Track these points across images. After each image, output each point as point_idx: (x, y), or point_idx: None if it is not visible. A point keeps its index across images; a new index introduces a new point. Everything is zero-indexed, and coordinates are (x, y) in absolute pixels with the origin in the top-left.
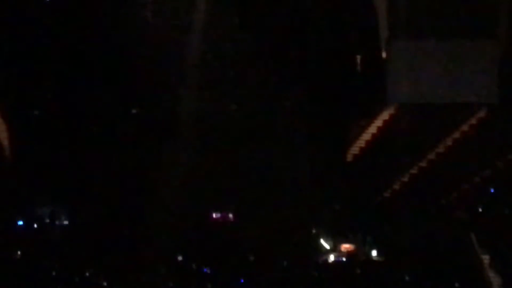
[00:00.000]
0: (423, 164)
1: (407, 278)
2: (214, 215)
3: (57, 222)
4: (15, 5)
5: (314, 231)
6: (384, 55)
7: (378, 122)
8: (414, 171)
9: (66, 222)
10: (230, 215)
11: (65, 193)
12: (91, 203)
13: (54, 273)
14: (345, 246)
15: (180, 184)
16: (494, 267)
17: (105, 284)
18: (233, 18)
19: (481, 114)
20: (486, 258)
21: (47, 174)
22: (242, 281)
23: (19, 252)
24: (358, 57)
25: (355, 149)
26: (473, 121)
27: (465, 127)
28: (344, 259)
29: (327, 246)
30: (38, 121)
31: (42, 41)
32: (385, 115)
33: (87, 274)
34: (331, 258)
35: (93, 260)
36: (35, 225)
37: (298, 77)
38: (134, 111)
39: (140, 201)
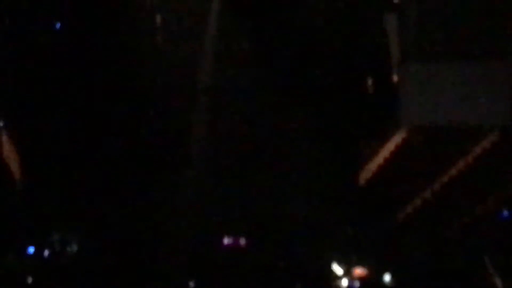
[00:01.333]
0: (436, 187)
1: None
2: (226, 241)
3: (68, 249)
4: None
5: (326, 255)
6: (396, 77)
7: (391, 146)
8: (427, 194)
9: (77, 249)
10: (242, 241)
11: (76, 220)
12: (102, 230)
13: None
14: (358, 271)
15: (192, 209)
16: None
17: None
18: (245, 43)
19: (494, 137)
20: (500, 282)
21: (58, 200)
22: None
23: (30, 280)
24: (370, 80)
25: (367, 173)
26: (486, 144)
27: (478, 150)
28: (357, 284)
29: (339, 271)
30: (48, 145)
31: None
32: (397, 138)
33: None
34: (344, 283)
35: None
36: (46, 252)
37: (310, 101)
38: (146, 132)
39: (151, 227)
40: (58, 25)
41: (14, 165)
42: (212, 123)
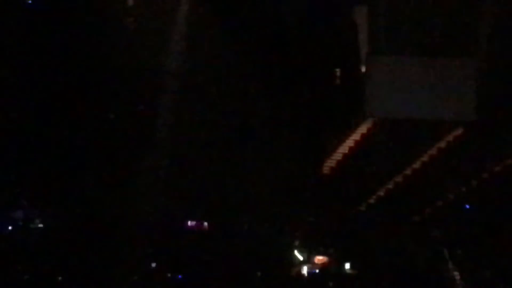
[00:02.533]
0: (399, 179)
1: None
2: (189, 223)
3: (31, 225)
4: None
5: (288, 242)
6: (363, 69)
7: (356, 136)
8: (389, 185)
9: (40, 225)
10: (205, 224)
11: (39, 196)
12: (66, 207)
13: (27, 277)
14: (319, 258)
15: (156, 192)
16: (466, 283)
17: None
18: (216, 27)
19: (458, 131)
20: (457, 275)
21: (21, 176)
22: None
23: None
24: (338, 71)
25: (331, 162)
26: (450, 138)
27: (441, 144)
28: (317, 271)
29: (300, 258)
30: (10, 121)
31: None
32: (363, 129)
33: (60, 278)
34: (305, 270)
35: (66, 265)
36: (9, 228)
37: (277, 90)
38: (112, 116)
39: (115, 206)
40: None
41: None
42: (178, 109)
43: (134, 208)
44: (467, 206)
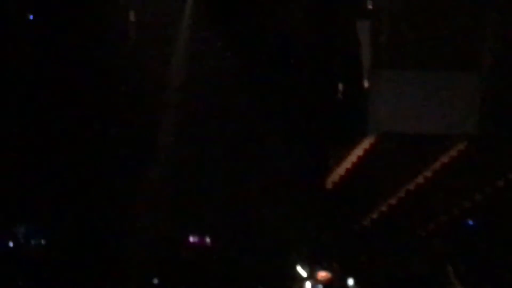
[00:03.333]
0: (402, 194)
1: None
2: (191, 239)
3: (32, 242)
4: None
5: (291, 258)
6: (366, 84)
7: (359, 151)
8: (393, 201)
9: (42, 242)
10: (208, 240)
11: (41, 211)
12: (68, 222)
13: None
14: (322, 274)
15: (158, 207)
16: None
17: None
18: (219, 41)
19: (461, 146)
20: None
21: (23, 191)
22: None
23: None
24: (340, 86)
25: (335, 177)
26: (453, 152)
27: (445, 159)
28: (320, 287)
29: (303, 274)
30: (12, 135)
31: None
32: (365, 144)
33: None
34: (308, 285)
35: (68, 282)
36: (10, 244)
37: (281, 104)
38: (113, 130)
39: (117, 222)
40: (30, 18)
41: None
42: (181, 123)
43: (136, 223)
44: (471, 222)
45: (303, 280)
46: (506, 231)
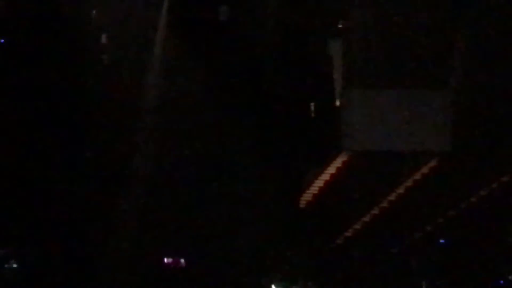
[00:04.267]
0: (376, 211)
1: None
2: (165, 260)
3: (6, 266)
4: None
5: (266, 277)
6: (338, 103)
7: (332, 169)
8: (366, 218)
9: (15, 266)
10: (182, 261)
11: (13, 235)
12: (42, 247)
13: None
14: None
15: (132, 229)
16: None
17: None
18: (191, 62)
19: (434, 163)
20: None
21: None
22: None
23: None
24: (313, 105)
25: (308, 196)
26: (425, 169)
27: (417, 176)
28: None
29: None
30: None
31: None
32: (338, 162)
33: None
34: None
35: None
36: None
37: (254, 124)
38: (88, 154)
39: (91, 243)
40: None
41: None
42: (154, 144)
43: (111, 246)
44: (442, 241)
45: None
46: (480, 247)
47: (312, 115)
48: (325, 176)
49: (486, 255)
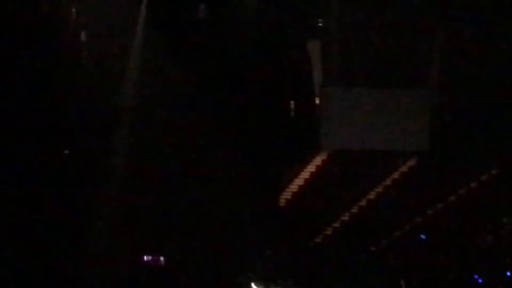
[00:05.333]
0: (355, 210)
1: None
2: (145, 258)
3: None
4: None
5: (246, 276)
6: (317, 101)
7: (311, 168)
8: (345, 217)
9: None
10: (162, 259)
11: None
12: (21, 244)
13: None
14: None
15: (112, 227)
16: None
17: None
18: (170, 61)
19: (412, 162)
20: None
21: None
22: None
23: None
24: (292, 103)
25: (287, 194)
26: (404, 168)
27: (396, 175)
28: None
29: None
30: None
31: None
32: (317, 161)
33: None
34: None
35: None
36: None
37: (232, 122)
38: (66, 151)
39: (71, 240)
40: None
41: None
42: (133, 143)
43: (89, 243)
44: (423, 236)
45: None
46: (458, 246)
47: (292, 113)
48: (305, 175)
49: (464, 254)
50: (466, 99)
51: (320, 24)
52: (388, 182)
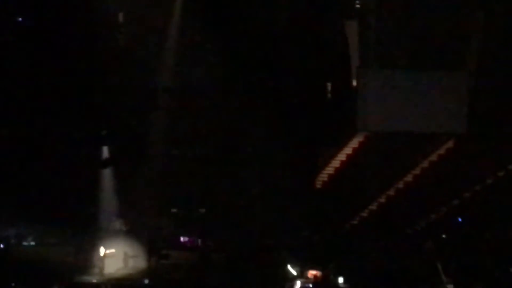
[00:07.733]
0: (391, 192)
1: None
2: (182, 239)
3: (24, 243)
4: None
5: (282, 257)
6: (355, 83)
7: (348, 150)
8: (382, 199)
9: (33, 243)
10: (199, 240)
11: (31, 214)
12: (57, 224)
13: None
14: (312, 273)
15: (150, 208)
16: None
17: None
18: (206, 44)
19: (450, 144)
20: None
21: (13, 195)
22: None
23: None
24: (329, 85)
25: (324, 176)
26: (442, 151)
27: (433, 157)
28: (310, 285)
29: (294, 272)
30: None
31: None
32: (354, 143)
33: None
34: (298, 284)
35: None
36: (1, 246)
37: (270, 104)
38: (104, 132)
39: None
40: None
41: None
42: (170, 124)
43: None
44: (460, 219)
45: (293, 278)
46: (494, 228)
47: (329, 96)
48: (342, 157)
49: (502, 238)
50: (505, 82)
51: (357, 6)
52: (425, 164)
